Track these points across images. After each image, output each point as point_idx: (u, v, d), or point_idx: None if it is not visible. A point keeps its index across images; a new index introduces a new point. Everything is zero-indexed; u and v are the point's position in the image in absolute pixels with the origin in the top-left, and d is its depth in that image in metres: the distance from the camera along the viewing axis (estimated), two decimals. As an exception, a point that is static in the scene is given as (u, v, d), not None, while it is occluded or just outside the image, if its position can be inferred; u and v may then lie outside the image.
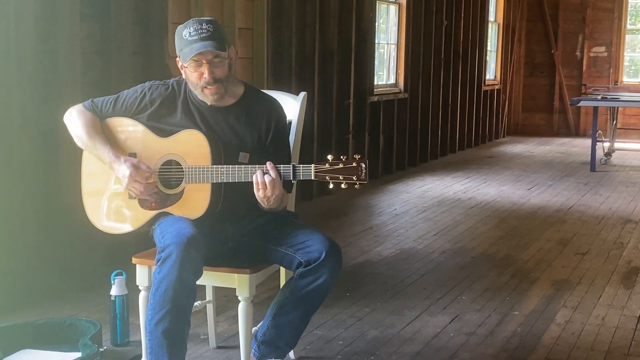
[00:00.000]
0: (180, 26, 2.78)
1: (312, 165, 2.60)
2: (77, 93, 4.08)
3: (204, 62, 2.71)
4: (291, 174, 2.62)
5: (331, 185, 2.60)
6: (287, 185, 2.76)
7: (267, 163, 2.63)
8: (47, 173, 4.00)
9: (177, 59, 2.79)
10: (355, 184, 2.59)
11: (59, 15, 4.00)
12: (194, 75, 2.74)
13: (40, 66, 3.94)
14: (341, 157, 2.59)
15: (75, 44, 4.12)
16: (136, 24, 4.59)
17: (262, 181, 2.61)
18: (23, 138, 3.84)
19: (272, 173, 2.61)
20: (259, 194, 2.64)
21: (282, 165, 2.64)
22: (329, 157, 2.59)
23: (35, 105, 3.91)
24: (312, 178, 2.60)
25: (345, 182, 2.58)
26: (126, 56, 4.49)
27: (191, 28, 2.71)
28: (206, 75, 2.72)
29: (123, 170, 2.71)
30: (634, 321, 3.79)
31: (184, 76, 2.82)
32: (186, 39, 2.71)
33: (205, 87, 2.74)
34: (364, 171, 2.58)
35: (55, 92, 4.01)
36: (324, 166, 2.59)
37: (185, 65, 2.74)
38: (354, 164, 2.58)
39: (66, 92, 4.03)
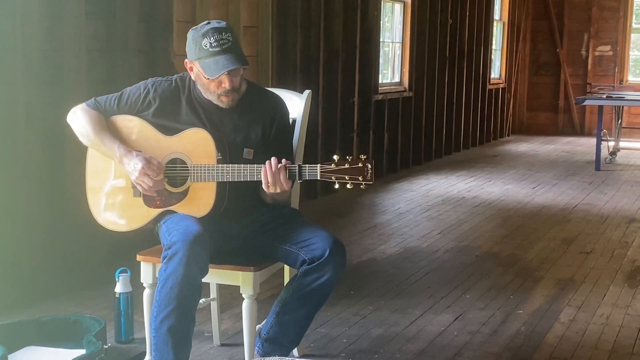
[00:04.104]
0: (195, 31, 2.74)
1: (318, 165, 2.61)
2: (83, 91, 4.09)
3: (225, 74, 2.71)
4: (297, 173, 2.63)
5: (337, 185, 2.61)
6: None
7: (272, 161, 2.64)
8: (52, 171, 4.01)
9: (187, 61, 2.78)
10: (361, 184, 2.60)
11: (65, 13, 4.01)
12: (213, 84, 2.74)
13: (46, 64, 3.95)
14: (347, 157, 2.61)
15: (80, 42, 4.12)
16: (141, 22, 4.60)
17: (273, 180, 2.62)
18: (28, 135, 3.85)
19: (283, 171, 2.61)
20: (268, 190, 2.66)
21: (288, 165, 2.65)
22: (335, 157, 2.61)
23: (41, 103, 3.92)
24: (318, 178, 2.61)
25: (351, 182, 2.60)
26: (131, 54, 4.50)
27: (212, 38, 2.68)
28: (226, 85, 2.73)
29: (135, 163, 2.71)
30: (639, 320, 3.79)
31: (193, 77, 2.81)
32: (207, 49, 2.69)
33: (222, 95, 2.76)
34: (369, 171, 2.60)
35: (61, 90, 4.02)
36: (330, 166, 2.60)
37: (207, 77, 2.72)
38: (360, 165, 2.59)
39: (71, 90, 4.04)
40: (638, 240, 5.44)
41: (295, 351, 3.13)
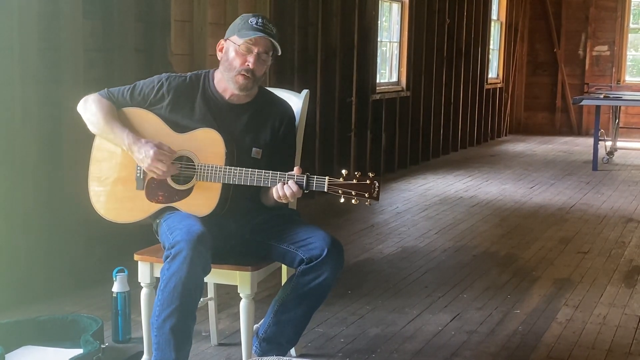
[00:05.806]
0: (247, 14, 2.84)
1: (327, 177, 2.62)
2: (80, 90, 4.05)
3: (255, 51, 2.76)
4: (304, 183, 2.63)
5: (342, 200, 2.62)
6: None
7: (296, 171, 2.65)
8: (50, 170, 4.01)
9: (221, 40, 2.84)
10: (367, 201, 2.61)
11: (62, 12, 4.00)
12: (238, 60, 2.77)
13: (43, 63, 3.95)
14: (355, 173, 2.62)
15: (78, 41, 4.12)
16: (139, 22, 4.60)
17: (284, 194, 2.63)
18: (25, 135, 3.84)
19: (294, 187, 2.62)
20: (280, 201, 2.68)
21: (296, 175, 2.65)
22: (344, 171, 2.63)
23: (38, 103, 3.91)
24: (325, 190, 2.61)
25: (357, 198, 2.61)
26: (129, 53, 4.49)
27: (260, 20, 2.78)
28: (250, 63, 2.76)
29: (146, 150, 2.71)
30: (636, 320, 3.79)
31: (219, 57, 2.84)
32: (252, 24, 2.77)
33: (242, 73, 2.77)
34: (376, 189, 2.61)
35: (58, 89, 4.01)
36: (337, 180, 2.61)
37: (238, 44, 2.76)
38: (368, 182, 2.61)
39: (69, 89, 4.03)
40: (635, 240, 5.45)
41: (292, 351, 3.13)
